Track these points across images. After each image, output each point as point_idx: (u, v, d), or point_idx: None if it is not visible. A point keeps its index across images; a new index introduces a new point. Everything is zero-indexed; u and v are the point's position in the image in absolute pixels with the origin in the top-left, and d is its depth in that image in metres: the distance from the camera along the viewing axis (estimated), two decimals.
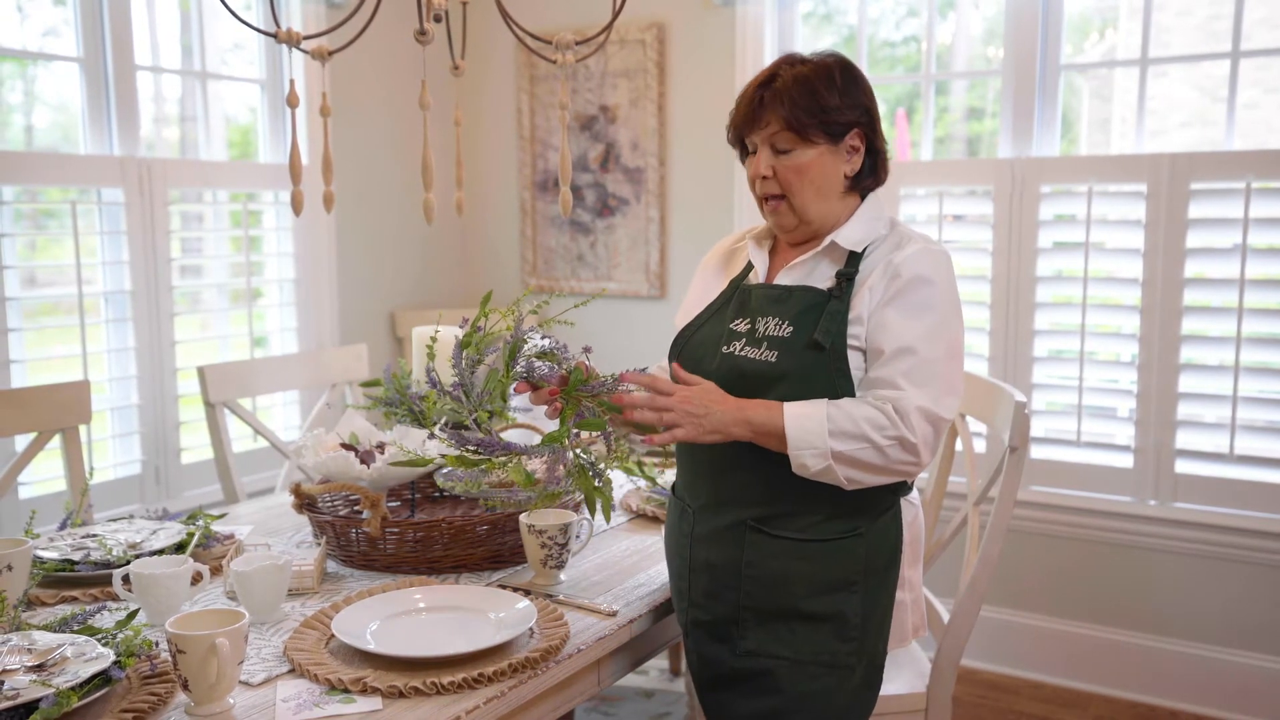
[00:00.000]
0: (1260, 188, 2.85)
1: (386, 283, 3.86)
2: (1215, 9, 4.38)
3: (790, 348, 1.61)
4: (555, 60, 1.81)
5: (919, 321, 1.57)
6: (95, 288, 2.96)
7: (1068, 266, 3.13)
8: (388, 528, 1.83)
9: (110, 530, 1.98)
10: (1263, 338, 2.89)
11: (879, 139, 1.70)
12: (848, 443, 1.52)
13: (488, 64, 4.01)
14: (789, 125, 1.63)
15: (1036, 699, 3.12)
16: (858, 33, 3.42)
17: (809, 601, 1.62)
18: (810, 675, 1.62)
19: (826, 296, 1.63)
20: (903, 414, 1.52)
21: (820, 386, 1.59)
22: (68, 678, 1.31)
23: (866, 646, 1.65)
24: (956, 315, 1.62)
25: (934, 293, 1.59)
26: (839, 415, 1.53)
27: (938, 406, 1.54)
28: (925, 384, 1.55)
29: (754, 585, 1.64)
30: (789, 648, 1.62)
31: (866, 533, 1.63)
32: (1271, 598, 2.93)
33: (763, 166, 1.66)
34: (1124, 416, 3.09)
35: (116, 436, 3.01)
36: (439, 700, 1.37)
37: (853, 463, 1.53)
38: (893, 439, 1.52)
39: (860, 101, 1.66)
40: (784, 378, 1.60)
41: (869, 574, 1.63)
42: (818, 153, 1.64)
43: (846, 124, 1.65)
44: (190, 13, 3.25)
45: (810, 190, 1.66)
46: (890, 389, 1.55)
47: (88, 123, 2.95)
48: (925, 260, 1.61)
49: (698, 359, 1.72)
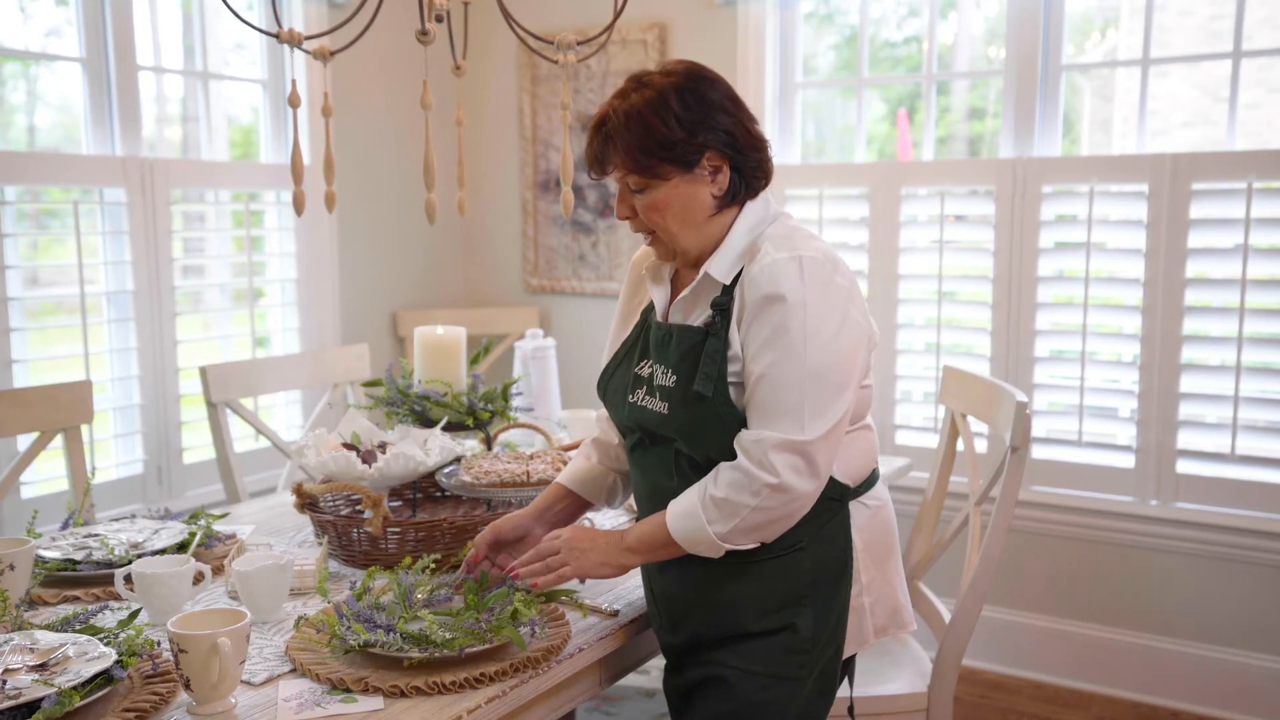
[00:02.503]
0: (1262, 188, 2.85)
1: (388, 283, 3.86)
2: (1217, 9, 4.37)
3: (675, 398, 1.57)
4: (557, 60, 1.81)
5: (771, 347, 1.49)
6: (97, 287, 2.96)
7: (1069, 266, 3.13)
8: (389, 527, 1.83)
9: (112, 530, 1.98)
10: (1264, 338, 2.89)
11: (745, 149, 1.57)
12: (728, 522, 1.50)
13: (489, 64, 4.01)
14: (632, 168, 1.54)
15: (1038, 699, 3.12)
16: (859, 33, 3.42)
17: (760, 620, 1.60)
18: (761, 685, 1.60)
19: (704, 334, 1.55)
20: (760, 458, 1.48)
21: (713, 437, 1.54)
22: (70, 677, 1.31)
23: (818, 658, 1.62)
24: (818, 328, 1.49)
25: (782, 310, 1.48)
26: (709, 501, 1.51)
27: (801, 433, 1.47)
28: (783, 415, 1.48)
29: (705, 613, 1.63)
30: (740, 658, 1.61)
31: (809, 546, 1.59)
32: (1274, 598, 2.93)
33: (623, 209, 1.60)
34: (1125, 416, 3.09)
35: (118, 436, 3.02)
36: (440, 700, 1.37)
37: (746, 531, 1.51)
38: (761, 490, 1.48)
39: (709, 120, 1.54)
40: (680, 430, 1.57)
41: (818, 586, 1.61)
42: (671, 186, 1.55)
43: (695, 150, 1.53)
44: (192, 13, 3.26)
45: (675, 223, 1.57)
46: (751, 429, 1.50)
47: (90, 123, 2.95)
48: (771, 276, 1.49)
49: (615, 405, 1.71)
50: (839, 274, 1.54)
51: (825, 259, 1.53)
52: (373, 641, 1.44)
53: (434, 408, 2.22)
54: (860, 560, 1.66)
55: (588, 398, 3.87)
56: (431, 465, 1.96)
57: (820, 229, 3.44)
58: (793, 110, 3.54)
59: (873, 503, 1.69)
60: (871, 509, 1.69)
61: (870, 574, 1.68)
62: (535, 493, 1.96)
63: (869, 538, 1.67)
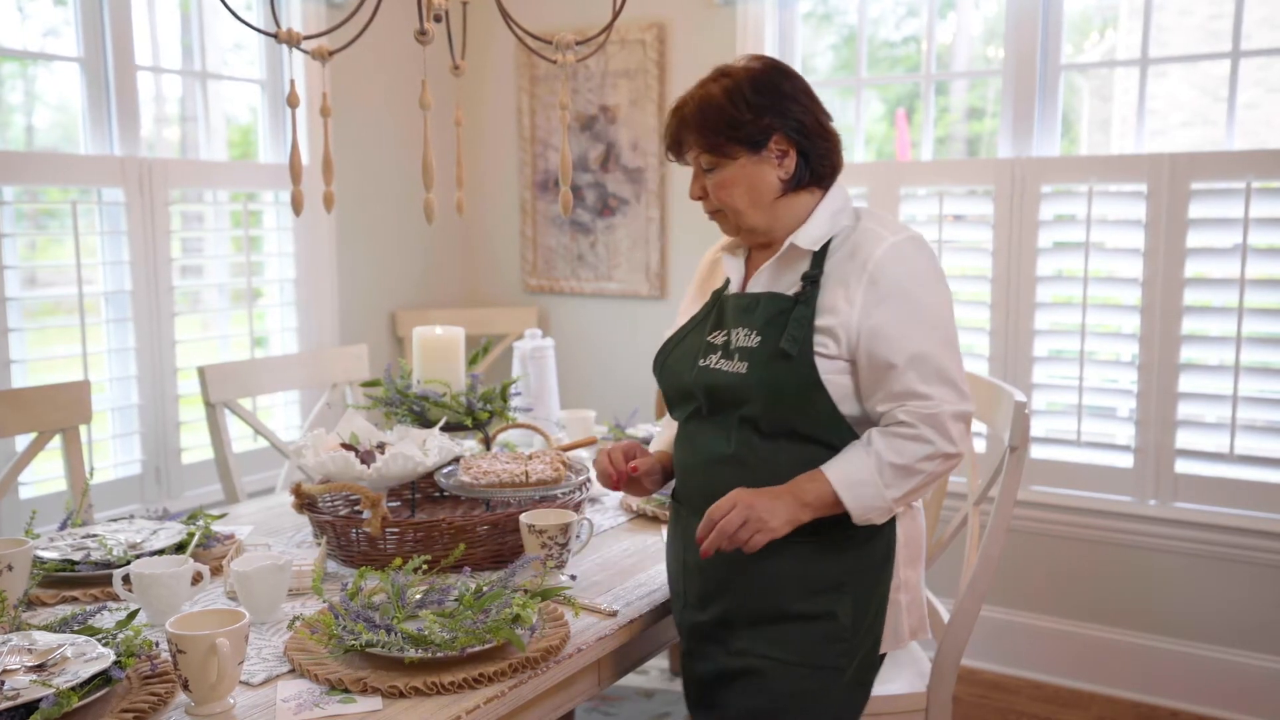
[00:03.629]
0: (1260, 187, 2.85)
1: (387, 283, 3.86)
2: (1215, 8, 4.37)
3: (758, 358, 1.62)
4: (555, 60, 1.81)
5: (916, 324, 1.58)
6: (96, 288, 2.96)
7: (1068, 266, 3.13)
8: (388, 528, 1.83)
9: (110, 530, 1.98)
10: (1263, 337, 2.89)
11: (814, 138, 1.66)
12: (903, 486, 1.57)
13: (488, 64, 4.01)
14: (704, 147, 1.66)
15: (1037, 699, 3.12)
16: (858, 32, 3.42)
17: (799, 603, 1.63)
18: (800, 676, 1.62)
19: (793, 302, 1.63)
20: (939, 427, 1.56)
21: (792, 397, 1.59)
22: (68, 678, 1.31)
23: (858, 647, 1.64)
24: (941, 299, 1.62)
25: (917, 288, 1.59)
26: (886, 467, 1.56)
27: (963, 402, 1.59)
28: (946, 383, 1.58)
29: (744, 588, 1.65)
30: (779, 649, 1.63)
31: (855, 534, 1.62)
32: (1272, 597, 2.93)
33: (694, 189, 1.71)
34: (1124, 416, 3.09)
35: (117, 436, 3.02)
36: (439, 700, 1.37)
37: (914, 493, 1.59)
38: (939, 457, 1.57)
39: (778, 107, 1.64)
40: (754, 388, 1.61)
41: (860, 575, 1.64)
42: (739, 165, 1.65)
43: (762, 129, 1.63)
44: (190, 13, 3.25)
45: (741, 201, 1.67)
46: (918, 400, 1.56)
47: (88, 123, 2.95)
48: (897, 257, 1.60)
49: (677, 373, 1.74)
50: (932, 251, 1.68)
51: (923, 239, 1.66)
52: (373, 641, 1.44)
53: (433, 408, 2.22)
54: (899, 556, 1.69)
55: (586, 398, 3.86)
56: (430, 465, 1.96)
57: None
58: None
59: (911, 504, 1.73)
60: (912, 510, 1.73)
61: (906, 573, 1.70)
62: (534, 493, 1.96)
63: (906, 537, 1.70)
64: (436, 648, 1.43)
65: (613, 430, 2.74)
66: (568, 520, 1.78)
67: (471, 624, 1.47)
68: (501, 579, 1.61)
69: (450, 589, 1.60)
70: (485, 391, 2.27)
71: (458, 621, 1.48)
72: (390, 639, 1.44)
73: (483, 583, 1.59)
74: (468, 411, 2.22)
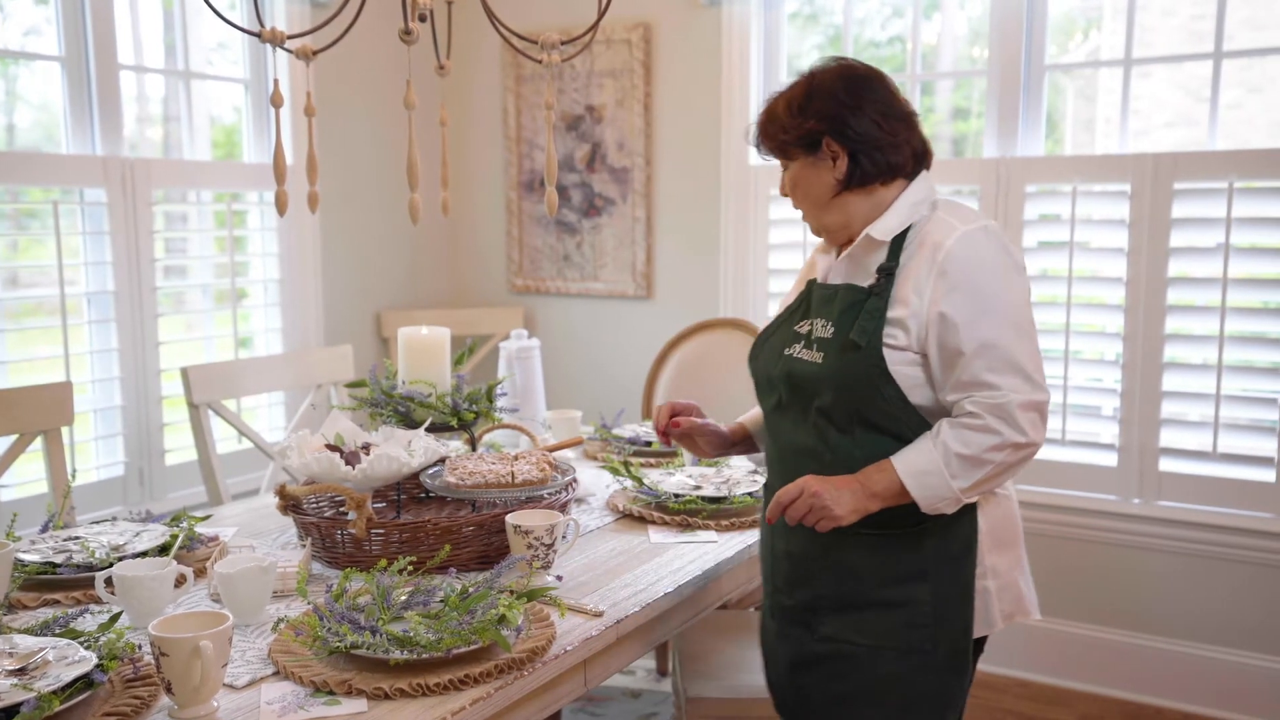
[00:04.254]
0: (1243, 187, 2.86)
1: (372, 283, 3.85)
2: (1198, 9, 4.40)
3: (832, 348, 1.66)
4: (541, 60, 1.81)
5: (984, 313, 1.58)
6: (78, 288, 2.94)
7: (1052, 266, 3.14)
8: (373, 529, 1.82)
9: (93, 532, 1.96)
10: (1245, 336, 2.90)
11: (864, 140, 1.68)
12: (971, 476, 1.57)
13: (473, 64, 4.00)
14: (769, 149, 1.77)
15: (1023, 697, 3.13)
16: (843, 33, 3.43)
17: (881, 590, 1.67)
18: (887, 660, 1.66)
19: (867, 293, 1.66)
20: (1007, 417, 1.56)
21: (861, 387, 1.62)
22: (49, 681, 1.30)
23: (943, 632, 1.66)
24: (1012, 287, 1.62)
25: (986, 277, 1.60)
26: (953, 457, 1.57)
27: (1034, 391, 1.58)
28: (1015, 372, 1.58)
29: (828, 575, 1.70)
30: (864, 634, 1.67)
31: (932, 525, 1.65)
32: (1255, 595, 2.95)
33: (781, 185, 1.79)
34: (1108, 415, 3.10)
35: (100, 438, 3.00)
36: (424, 702, 1.37)
37: (985, 482, 1.59)
38: (1007, 448, 1.57)
39: (822, 110, 1.68)
40: (828, 379, 1.65)
41: (940, 563, 1.66)
42: (799, 165, 1.72)
43: (810, 134, 1.69)
44: (173, 12, 3.23)
45: (804, 201, 1.75)
46: (986, 390, 1.58)
47: (70, 122, 2.93)
48: (966, 247, 1.61)
49: (768, 363, 1.79)
50: (1014, 247, 1.68)
51: (1000, 230, 1.67)
52: (358, 643, 1.43)
53: (418, 409, 2.21)
54: (984, 544, 1.70)
55: (573, 398, 3.86)
56: (416, 466, 1.95)
57: (804, 230, 3.43)
58: None
59: (1000, 491, 1.74)
60: (998, 497, 1.74)
61: (994, 559, 1.72)
62: (520, 494, 1.95)
63: (993, 524, 1.72)
64: (422, 649, 1.42)
65: (599, 431, 2.74)
66: (554, 521, 1.78)
67: (457, 625, 1.47)
68: (487, 580, 1.61)
69: (436, 590, 1.60)
70: (471, 392, 2.27)
71: (443, 623, 1.48)
72: (375, 640, 1.43)
73: (468, 584, 1.59)
74: (453, 412, 2.22)
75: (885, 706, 1.68)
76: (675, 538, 2.06)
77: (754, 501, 2.18)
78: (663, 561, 1.93)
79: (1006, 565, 1.74)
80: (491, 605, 1.52)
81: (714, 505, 2.15)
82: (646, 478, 2.30)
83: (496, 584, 1.62)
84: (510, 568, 1.70)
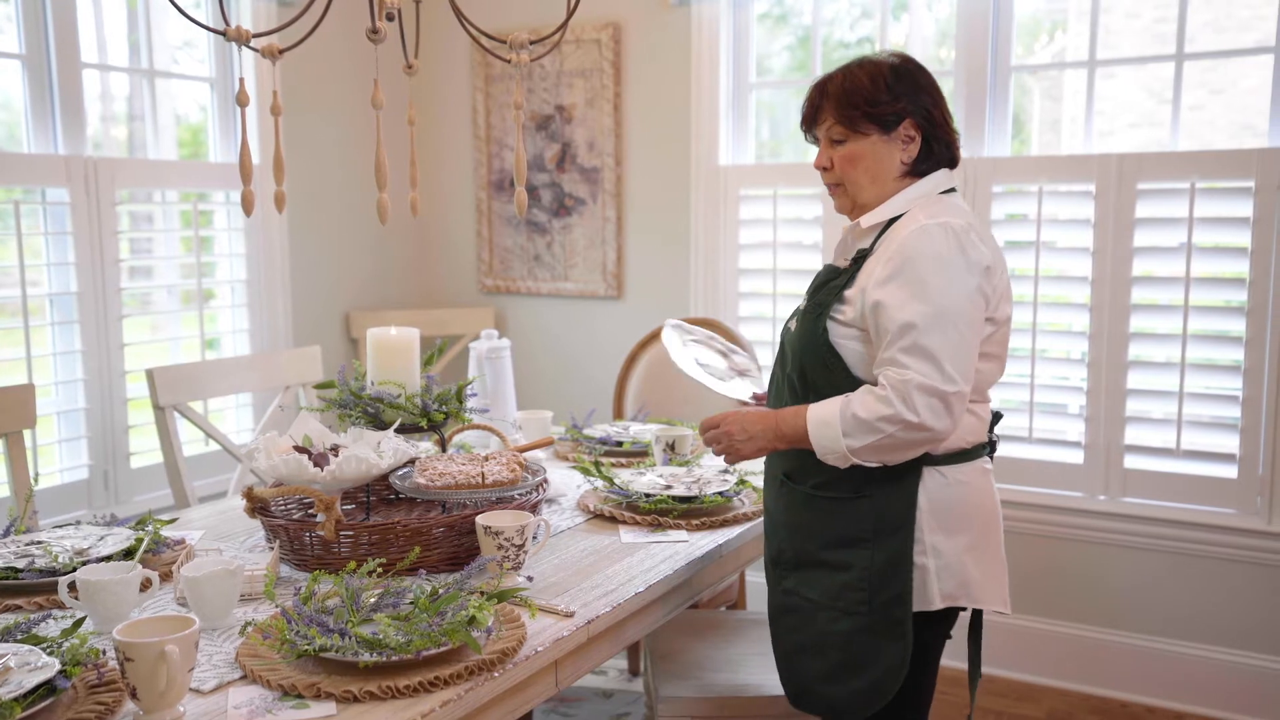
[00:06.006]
0: (1204, 188, 2.90)
1: (341, 284, 3.82)
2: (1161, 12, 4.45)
3: (802, 321, 1.83)
4: (510, 59, 1.80)
5: (913, 299, 1.66)
6: (40, 289, 2.90)
7: (1019, 265, 3.17)
8: (342, 530, 1.81)
9: (56, 536, 1.94)
10: (1208, 335, 2.94)
11: (940, 129, 1.80)
12: (862, 439, 1.67)
13: (442, 63, 3.98)
14: (839, 119, 1.79)
15: (991, 693, 3.16)
16: (812, 33, 3.45)
17: (826, 552, 1.80)
18: (830, 618, 1.79)
19: (838, 273, 1.81)
20: (905, 396, 1.64)
21: (810, 355, 1.78)
22: (11, 688, 1.28)
23: (877, 599, 1.75)
24: (954, 282, 1.68)
25: (925, 266, 1.67)
26: (850, 416, 1.68)
27: (940, 379, 1.64)
28: (927, 359, 1.65)
29: (787, 531, 1.87)
30: (812, 590, 1.82)
31: (875, 496, 1.75)
32: (1218, 590, 2.99)
33: (822, 159, 1.84)
34: (1074, 413, 3.13)
35: (64, 441, 2.96)
36: (394, 705, 1.36)
37: (876, 451, 1.68)
38: (899, 423, 1.65)
39: (914, 95, 1.77)
40: (795, 348, 1.82)
41: (879, 534, 1.75)
42: (869, 143, 1.78)
43: (897, 114, 1.76)
44: (137, 9, 3.20)
45: (864, 177, 1.80)
46: (895, 368, 1.67)
47: (31, 121, 2.89)
48: (918, 238, 1.69)
49: (781, 336, 1.96)
50: (977, 247, 1.72)
51: (968, 229, 1.72)
52: (327, 646, 1.42)
53: (388, 410, 2.20)
54: (925, 523, 1.75)
55: (543, 398, 3.85)
56: (385, 467, 1.94)
57: (775, 229, 3.46)
58: (746, 110, 3.55)
59: (953, 475, 1.77)
60: (949, 480, 1.77)
61: (937, 539, 1.76)
62: (490, 495, 1.95)
63: (939, 506, 1.76)
64: (391, 651, 1.42)
65: (570, 431, 2.73)
66: (524, 522, 1.77)
67: (427, 627, 1.46)
68: (457, 581, 1.60)
69: (406, 592, 1.59)
70: (441, 393, 2.26)
71: (413, 625, 1.47)
72: (344, 643, 1.42)
73: (438, 585, 1.58)
74: (423, 413, 2.20)
75: (827, 660, 1.80)
76: (646, 537, 2.06)
77: (725, 501, 2.19)
78: (634, 561, 1.93)
79: (953, 548, 1.77)
80: (461, 607, 1.51)
81: (685, 505, 2.16)
82: (617, 478, 2.31)
83: (467, 585, 1.61)
84: (480, 569, 1.69)
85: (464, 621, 1.48)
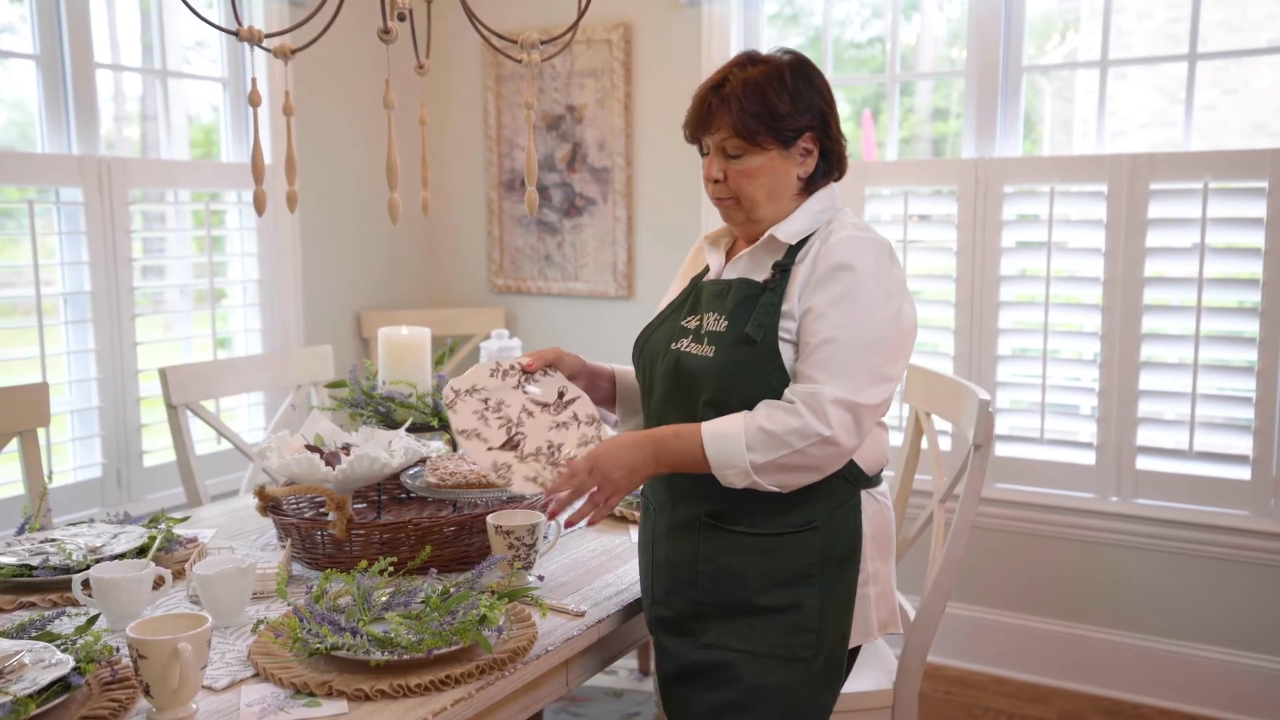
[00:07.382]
0: (1217, 188, 2.89)
1: (352, 283, 3.83)
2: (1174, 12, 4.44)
3: (724, 342, 1.63)
4: (521, 60, 1.81)
5: (839, 310, 1.57)
6: (54, 289, 2.91)
7: (1031, 266, 3.16)
8: (353, 529, 1.81)
9: (70, 534, 1.95)
10: (1221, 335, 2.93)
11: (834, 138, 1.70)
12: (767, 454, 1.54)
13: (453, 63, 3.99)
14: (738, 131, 1.63)
15: (1001, 694, 3.15)
16: (823, 34, 3.44)
17: (766, 595, 1.63)
18: (766, 668, 1.63)
19: (761, 289, 1.64)
20: (817, 408, 1.53)
21: (753, 380, 1.60)
22: (25, 684, 1.29)
23: (825, 640, 1.64)
24: (881, 301, 1.59)
25: (854, 279, 1.58)
26: (755, 430, 1.54)
27: (856, 395, 1.54)
28: (843, 374, 1.55)
29: (711, 581, 1.66)
30: (746, 641, 1.64)
31: (823, 525, 1.63)
32: (1231, 592, 2.98)
33: (714, 170, 1.68)
34: (1086, 414, 3.12)
35: (77, 439, 2.97)
36: (405, 703, 1.36)
37: (779, 470, 1.55)
38: (810, 436, 1.53)
39: (813, 103, 1.66)
40: (719, 372, 1.62)
41: (826, 566, 1.64)
42: (768, 158, 1.65)
43: (797, 129, 1.65)
44: (150, 10, 3.21)
45: (761, 193, 1.67)
46: (809, 383, 1.56)
47: (45, 121, 2.90)
48: (848, 248, 1.60)
49: (652, 356, 1.75)
50: (898, 266, 1.66)
51: (892, 249, 1.65)
52: (338, 644, 1.42)
53: (398, 409, 2.20)
54: (866, 550, 1.68)
55: None
56: (396, 467, 1.95)
57: None
58: None
59: (880, 499, 1.73)
60: (880, 504, 1.72)
61: (876, 565, 1.70)
62: (501, 494, 1.95)
63: (874, 530, 1.70)
64: (403, 650, 1.42)
65: None
66: (535, 521, 1.78)
67: (438, 626, 1.47)
68: (468, 580, 1.60)
69: (417, 591, 1.59)
70: None
71: (424, 623, 1.47)
72: (356, 641, 1.43)
73: (449, 584, 1.59)
74: (434, 412, 2.21)
75: (758, 717, 1.63)
76: None
77: None
78: None
79: (885, 573, 1.73)
80: (473, 606, 1.52)
81: None
82: None
83: (478, 584, 1.61)
84: (491, 568, 1.69)
85: (475, 620, 1.48)
